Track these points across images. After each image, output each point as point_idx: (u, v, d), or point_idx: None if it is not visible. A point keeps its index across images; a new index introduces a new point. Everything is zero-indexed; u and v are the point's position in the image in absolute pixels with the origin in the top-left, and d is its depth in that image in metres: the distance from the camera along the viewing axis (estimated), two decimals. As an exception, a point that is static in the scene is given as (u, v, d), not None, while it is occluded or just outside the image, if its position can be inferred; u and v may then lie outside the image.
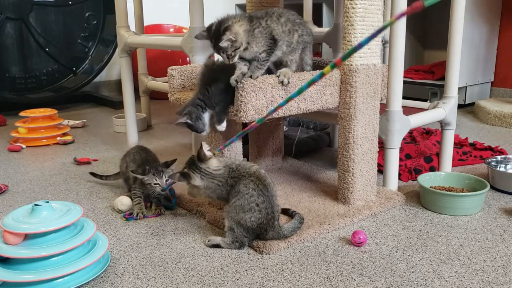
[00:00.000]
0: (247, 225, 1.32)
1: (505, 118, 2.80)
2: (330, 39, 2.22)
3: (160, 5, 4.19)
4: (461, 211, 1.58)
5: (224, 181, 1.36)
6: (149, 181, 1.57)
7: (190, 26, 1.82)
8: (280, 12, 1.48)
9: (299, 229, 1.41)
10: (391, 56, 1.62)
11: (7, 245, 1.18)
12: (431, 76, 3.39)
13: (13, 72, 3.30)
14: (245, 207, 1.32)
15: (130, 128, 2.37)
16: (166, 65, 1.75)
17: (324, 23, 3.85)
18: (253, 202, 1.31)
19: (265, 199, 1.32)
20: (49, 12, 3.39)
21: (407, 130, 1.71)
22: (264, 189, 1.33)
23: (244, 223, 1.32)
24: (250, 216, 1.31)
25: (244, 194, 1.32)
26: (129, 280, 1.23)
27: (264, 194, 1.33)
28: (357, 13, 1.47)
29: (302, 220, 1.44)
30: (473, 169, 2.05)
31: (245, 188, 1.32)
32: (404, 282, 1.19)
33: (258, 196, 1.32)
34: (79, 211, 1.26)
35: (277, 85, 1.41)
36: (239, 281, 1.21)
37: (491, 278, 1.21)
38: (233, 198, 1.34)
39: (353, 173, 1.57)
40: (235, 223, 1.33)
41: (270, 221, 1.33)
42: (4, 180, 1.99)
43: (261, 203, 1.32)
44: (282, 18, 1.46)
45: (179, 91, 1.63)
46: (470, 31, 3.07)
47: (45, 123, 2.60)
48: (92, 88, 3.98)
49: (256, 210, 1.31)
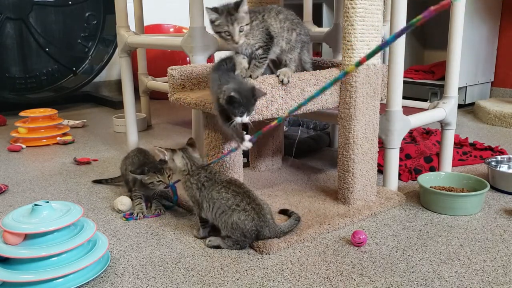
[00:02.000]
0: (240, 226, 1.31)
1: (505, 118, 2.80)
2: (330, 39, 2.22)
3: (160, 5, 4.19)
4: (461, 211, 1.58)
5: (197, 174, 1.38)
6: (151, 179, 1.58)
7: (190, 26, 1.82)
8: (279, 9, 1.48)
9: (296, 226, 1.42)
10: (391, 56, 1.62)
11: (7, 245, 1.18)
12: (431, 76, 3.39)
13: (13, 72, 3.30)
14: (227, 210, 1.32)
15: (130, 128, 2.37)
16: (166, 65, 1.75)
17: (324, 23, 3.85)
18: (232, 204, 1.32)
19: (243, 196, 1.33)
20: (49, 12, 3.39)
21: (407, 130, 1.71)
22: (237, 188, 1.35)
23: (237, 226, 1.32)
24: (238, 217, 1.31)
25: (219, 199, 1.34)
26: (129, 280, 1.23)
27: (240, 193, 1.34)
28: (357, 13, 1.47)
29: (298, 218, 1.44)
30: (473, 169, 2.05)
31: (217, 194, 1.34)
32: (404, 282, 1.19)
33: (235, 197, 1.33)
34: (79, 211, 1.26)
35: (277, 85, 1.41)
36: (239, 281, 1.21)
37: (491, 278, 1.21)
38: (211, 205, 1.35)
39: (353, 173, 1.57)
40: (229, 229, 1.33)
41: (261, 214, 1.33)
42: (4, 180, 1.99)
43: (241, 202, 1.32)
44: (280, 15, 1.47)
45: (179, 91, 1.63)
46: (470, 31, 3.07)
47: (45, 123, 2.60)
48: (92, 88, 3.98)
49: (241, 210, 1.31)
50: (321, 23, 3.84)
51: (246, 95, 1.27)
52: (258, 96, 1.30)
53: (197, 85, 1.66)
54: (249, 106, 1.29)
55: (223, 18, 1.31)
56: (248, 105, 1.29)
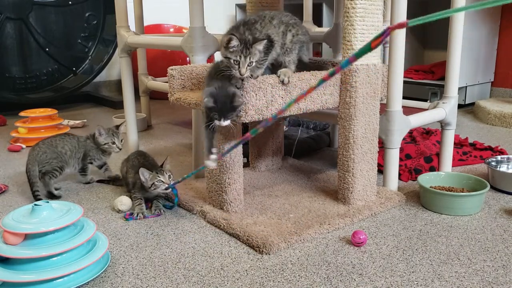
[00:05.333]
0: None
1: (505, 118, 2.80)
2: (330, 39, 2.22)
3: (160, 5, 4.18)
4: (461, 211, 1.58)
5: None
6: (152, 180, 1.58)
7: (190, 26, 1.82)
8: (272, 14, 1.48)
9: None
10: (391, 56, 1.62)
11: (7, 245, 1.18)
12: (431, 76, 3.39)
13: (13, 72, 3.30)
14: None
15: (130, 128, 2.36)
16: (166, 65, 1.75)
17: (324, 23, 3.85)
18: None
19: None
20: (49, 12, 3.39)
21: (407, 130, 1.71)
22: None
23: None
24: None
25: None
26: (129, 280, 1.23)
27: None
28: (357, 13, 1.47)
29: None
30: (473, 169, 2.05)
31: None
32: (404, 282, 1.19)
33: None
34: (79, 211, 1.26)
35: (277, 85, 1.41)
36: (239, 281, 1.21)
37: (491, 278, 1.21)
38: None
39: (353, 173, 1.57)
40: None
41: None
42: (4, 180, 1.99)
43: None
44: (274, 20, 1.47)
45: (179, 91, 1.63)
46: (470, 31, 3.07)
47: (45, 123, 2.61)
48: (92, 88, 3.98)
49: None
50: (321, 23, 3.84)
51: (223, 100, 1.32)
52: (237, 103, 1.34)
53: (197, 85, 1.66)
54: (224, 112, 1.33)
55: (239, 48, 1.33)
56: (223, 111, 1.33)
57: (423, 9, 3.56)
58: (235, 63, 1.33)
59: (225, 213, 1.55)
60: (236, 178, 1.54)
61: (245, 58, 1.32)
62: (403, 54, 1.63)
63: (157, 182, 1.58)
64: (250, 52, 1.33)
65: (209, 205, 1.61)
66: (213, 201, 1.61)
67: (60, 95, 3.48)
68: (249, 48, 1.33)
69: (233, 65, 1.33)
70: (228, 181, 1.53)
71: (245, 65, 1.33)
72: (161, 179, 1.58)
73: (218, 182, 1.56)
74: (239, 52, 1.32)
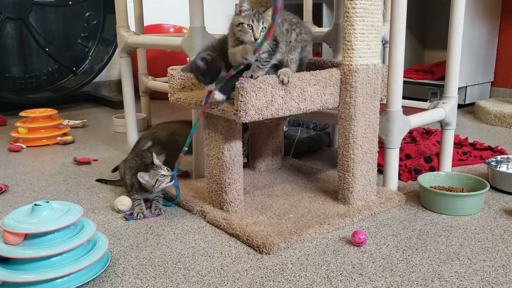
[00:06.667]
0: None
1: (505, 118, 2.80)
2: (330, 39, 2.22)
3: (160, 5, 4.18)
4: (461, 211, 1.58)
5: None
6: (155, 177, 1.58)
7: (190, 26, 1.82)
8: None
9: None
10: (391, 56, 1.62)
11: (7, 245, 1.18)
12: (431, 76, 3.39)
13: (13, 72, 3.30)
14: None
15: (130, 128, 2.37)
16: (166, 65, 1.75)
17: (324, 23, 3.85)
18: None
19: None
20: (49, 12, 3.39)
21: (407, 130, 1.71)
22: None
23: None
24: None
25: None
26: (129, 280, 1.23)
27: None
28: (357, 13, 1.47)
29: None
30: (473, 169, 2.05)
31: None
32: (404, 282, 1.19)
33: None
34: (79, 211, 1.26)
35: (277, 85, 1.41)
36: (239, 281, 1.21)
37: (491, 278, 1.21)
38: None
39: (353, 173, 1.57)
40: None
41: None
42: (4, 180, 2.00)
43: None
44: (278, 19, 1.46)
45: (179, 91, 1.63)
46: (470, 31, 3.07)
47: (45, 123, 2.60)
48: (92, 88, 3.98)
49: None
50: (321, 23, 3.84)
51: (213, 68, 1.39)
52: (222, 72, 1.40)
53: (197, 85, 1.66)
54: (213, 78, 1.40)
55: (251, 12, 1.35)
56: (212, 76, 1.40)
57: (423, 9, 3.56)
58: (248, 28, 1.34)
59: (225, 213, 1.55)
60: (236, 178, 1.54)
61: (258, 22, 1.33)
62: (403, 54, 1.63)
63: (160, 178, 1.58)
64: (263, 17, 1.34)
65: (209, 205, 1.61)
66: (213, 201, 1.61)
67: (60, 95, 3.48)
68: (261, 13, 1.34)
69: (247, 30, 1.34)
70: (228, 181, 1.54)
71: (258, 29, 1.33)
72: (163, 173, 1.58)
73: (218, 182, 1.56)
74: (252, 16, 1.33)
